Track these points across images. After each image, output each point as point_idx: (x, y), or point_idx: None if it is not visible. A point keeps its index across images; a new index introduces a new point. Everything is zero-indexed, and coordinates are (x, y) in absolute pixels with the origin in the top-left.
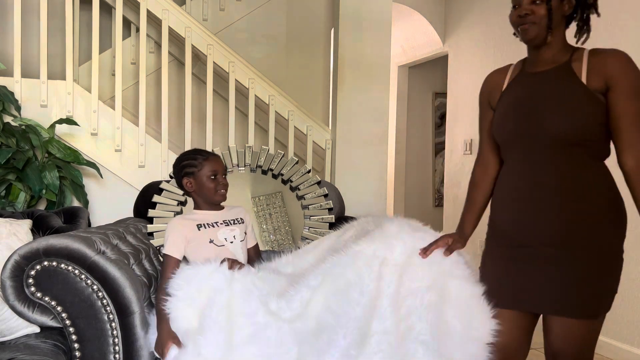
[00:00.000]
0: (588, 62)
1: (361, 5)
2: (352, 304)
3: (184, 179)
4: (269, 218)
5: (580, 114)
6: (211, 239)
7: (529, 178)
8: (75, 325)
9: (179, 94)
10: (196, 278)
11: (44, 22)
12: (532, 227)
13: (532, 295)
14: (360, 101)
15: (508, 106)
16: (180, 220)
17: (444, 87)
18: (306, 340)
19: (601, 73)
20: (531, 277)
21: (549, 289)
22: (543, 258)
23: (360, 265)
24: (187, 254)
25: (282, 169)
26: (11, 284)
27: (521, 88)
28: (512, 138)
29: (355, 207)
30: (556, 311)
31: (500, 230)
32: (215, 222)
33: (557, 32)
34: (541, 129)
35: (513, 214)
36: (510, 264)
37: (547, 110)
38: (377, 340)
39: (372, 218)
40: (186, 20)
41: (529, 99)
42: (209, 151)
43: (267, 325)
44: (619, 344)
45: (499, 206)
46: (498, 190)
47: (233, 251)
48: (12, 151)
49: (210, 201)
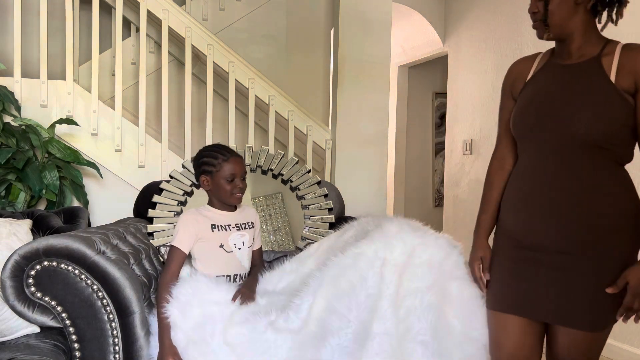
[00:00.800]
0: (620, 58)
1: (361, 5)
2: (358, 306)
3: (201, 176)
4: (269, 219)
5: (605, 115)
6: (222, 244)
7: (543, 178)
8: (75, 325)
9: (179, 94)
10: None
11: (44, 22)
12: (541, 230)
13: (537, 302)
14: (360, 101)
15: (530, 98)
16: (195, 215)
17: (444, 87)
18: (311, 345)
19: (632, 72)
20: (537, 283)
21: (555, 297)
22: (551, 264)
23: (363, 266)
24: (194, 251)
25: (282, 169)
26: (11, 284)
27: (546, 80)
28: (529, 133)
29: (355, 207)
30: (562, 322)
31: (508, 231)
32: (228, 224)
33: (575, 23)
34: (561, 127)
35: (522, 215)
36: (516, 268)
37: (570, 108)
38: (378, 342)
39: (372, 218)
40: (186, 20)
41: (552, 94)
42: (232, 150)
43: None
44: (619, 344)
45: (507, 205)
46: (509, 188)
47: (240, 258)
48: (12, 151)
49: (225, 203)
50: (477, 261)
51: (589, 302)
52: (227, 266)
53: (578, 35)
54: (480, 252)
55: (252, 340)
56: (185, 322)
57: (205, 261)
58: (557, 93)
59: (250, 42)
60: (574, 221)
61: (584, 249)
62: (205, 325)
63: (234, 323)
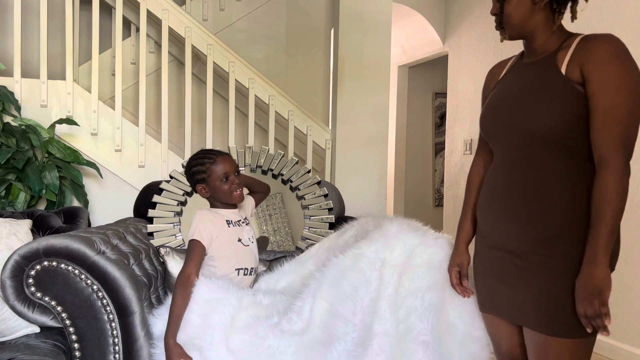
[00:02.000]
0: (574, 50)
1: (361, 5)
2: (362, 310)
3: (197, 187)
4: (269, 219)
5: (558, 110)
6: (239, 238)
7: (506, 178)
8: (75, 325)
9: (179, 94)
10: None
11: (44, 22)
12: (506, 231)
13: (508, 303)
14: (360, 101)
15: (494, 100)
16: (210, 213)
17: (444, 87)
18: (315, 350)
19: (580, 62)
20: (506, 283)
21: (521, 298)
22: (517, 265)
23: (364, 267)
24: (212, 249)
25: (282, 169)
26: (11, 284)
27: (510, 80)
28: (494, 135)
29: (355, 207)
30: (525, 323)
31: (481, 231)
32: (239, 220)
33: (534, 22)
34: (520, 126)
35: (490, 216)
36: (491, 268)
37: (526, 105)
38: (378, 342)
39: (372, 218)
40: (186, 20)
41: (513, 93)
42: (217, 151)
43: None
44: (619, 344)
45: (480, 207)
46: (483, 192)
47: (255, 252)
48: (12, 151)
49: (228, 203)
50: (454, 268)
51: (547, 303)
52: (246, 260)
53: (539, 33)
54: (457, 258)
55: (254, 346)
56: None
57: (224, 257)
58: (516, 92)
59: (250, 42)
60: (533, 220)
61: (547, 249)
62: (206, 332)
63: (235, 329)
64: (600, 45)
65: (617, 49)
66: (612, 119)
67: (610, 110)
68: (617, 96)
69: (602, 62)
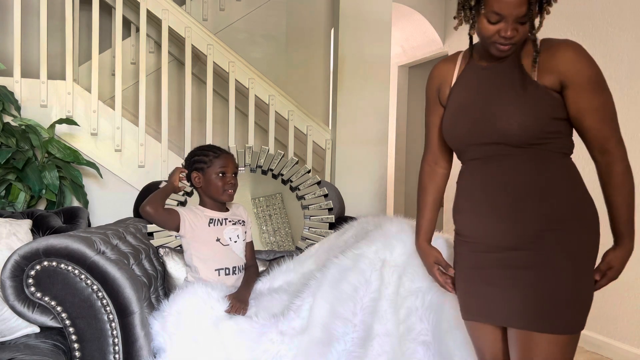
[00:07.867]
0: (541, 57)
1: (361, 5)
2: (363, 310)
3: (192, 173)
4: (269, 219)
5: (531, 111)
6: (218, 238)
7: (487, 180)
8: (75, 326)
9: (179, 94)
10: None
11: (44, 22)
12: (492, 231)
13: (494, 305)
14: (360, 101)
15: (459, 105)
16: (196, 209)
17: None
18: (315, 351)
19: (553, 70)
20: (495, 286)
21: (509, 297)
22: (505, 265)
23: (364, 267)
24: (192, 249)
25: (282, 169)
26: (11, 284)
27: (472, 84)
28: (466, 139)
29: (355, 207)
30: (513, 323)
31: (463, 236)
32: (225, 219)
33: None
34: (494, 131)
35: (473, 219)
36: (474, 273)
37: (498, 108)
38: (379, 343)
39: (372, 218)
40: (186, 20)
41: (479, 100)
42: (223, 149)
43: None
44: (619, 344)
45: (458, 211)
46: (458, 195)
47: (236, 250)
48: (12, 151)
49: (217, 199)
50: (434, 267)
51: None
52: (225, 259)
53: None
54: (430, 257)
55: (253, 350)
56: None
57: (203, 257)
58: (485, 95)
59: (250, 42)
60: (519, 219)
61: (534, 246)
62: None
63: (234, 333)
64: (569, 51)
65: (583, 52)
66: (607, 116)
67: (602, 109)
68: (602, 95)
69: (579, 68)
